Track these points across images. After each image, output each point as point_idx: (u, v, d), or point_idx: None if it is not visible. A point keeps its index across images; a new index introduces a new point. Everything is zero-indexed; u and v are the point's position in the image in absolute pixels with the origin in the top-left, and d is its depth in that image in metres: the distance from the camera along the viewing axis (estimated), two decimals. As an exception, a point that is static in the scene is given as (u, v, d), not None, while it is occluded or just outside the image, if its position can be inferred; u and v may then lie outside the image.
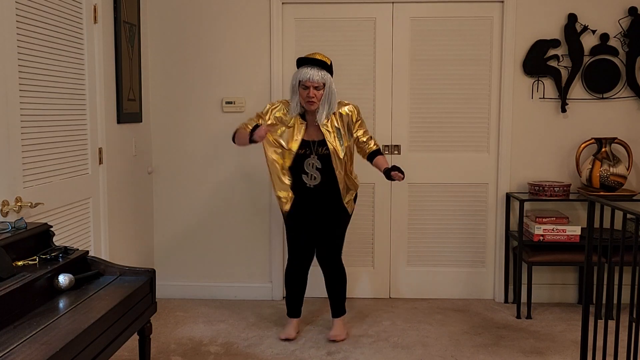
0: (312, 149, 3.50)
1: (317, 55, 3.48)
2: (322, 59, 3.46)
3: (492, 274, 4.45)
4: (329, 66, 3.46)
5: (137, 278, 2.54)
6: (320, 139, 3.48)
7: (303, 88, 3.40)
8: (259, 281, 4.45)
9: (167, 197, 4.44)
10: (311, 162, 3.50)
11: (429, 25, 4.28)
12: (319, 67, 3.41)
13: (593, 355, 2.92)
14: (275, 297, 4.44)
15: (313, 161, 3.50)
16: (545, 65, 4.24)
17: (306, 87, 3.39)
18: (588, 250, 2.95)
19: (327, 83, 3.42)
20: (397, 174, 3.35)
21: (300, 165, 3.52)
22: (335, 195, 3.56)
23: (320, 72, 3.39)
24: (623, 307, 3.00)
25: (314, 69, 3.39)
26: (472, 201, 4.41)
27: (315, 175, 3.52)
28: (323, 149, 3.49)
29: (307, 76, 3.37)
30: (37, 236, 2.45)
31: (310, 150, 3.50)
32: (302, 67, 3.42)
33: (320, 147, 3.49)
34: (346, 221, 3.69)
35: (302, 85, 3.40)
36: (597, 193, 4.05)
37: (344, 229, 3.70)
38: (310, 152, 3.50)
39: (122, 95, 3.73)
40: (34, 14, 2.75)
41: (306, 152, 3.50)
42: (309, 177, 3.52)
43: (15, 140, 2.60)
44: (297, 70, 3.45)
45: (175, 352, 3.49)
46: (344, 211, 3.62)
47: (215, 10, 4.29)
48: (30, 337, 1.87)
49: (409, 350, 3.54)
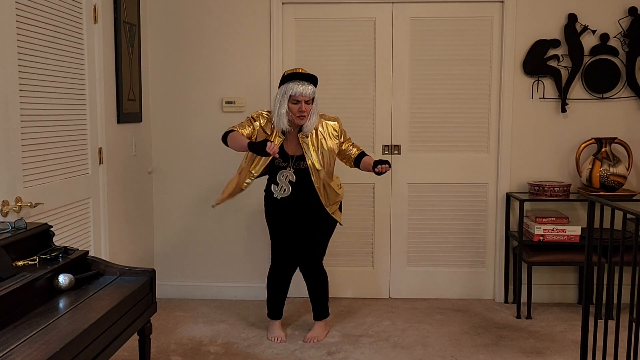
0: (290, 162, 3.51)
1: (301, 70, 3.51)
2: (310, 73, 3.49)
3: (492, 274, 4.45)
4: (316, 80, 3.49)
5: (137, 278, 2.54)
6: (299, 154, 3.50)
7: (294, 103, 3.39)
8: (259, 281, 4.44)
9: (167, 197, 4.44)
10: (286, 174, 3.51)
11: (429, 25, 4.28)
12: (308, 81, 3.43)
13: (593, 355, 2.91)
14: (275, 297, 4.44)
15: (288, 174, 3.51)
16: (545, 65, 4.24)
17: (297, 101, 3.39)
18: (588, 250, 2.95)
19: (315, 97, 3.46)
20: (383, 166, 3.35)
21: (273, 176, 3.54)
22: (317, 207, 3.54)
23: (310, 86, 3.42)
24: (623, 307, 3.00)
25: (304, 83, 3.40)
26: (472, 201, 4.41)
27: (285, 188, 3.52)
28: (302, 163, 3.50)
29: (300, 90, 3.37)
30: (37, 236, 2.45)
31: (287, 164, 3.51)
32: (291, 82, 3.41)
33: (298, 161, 3.51)
34: (331, 230, 3.70)
35: (293, 99, 3.39)
36: (597, 193, 4.05)
37: (328, 237, 3.71)
38: (287, 166, 3.51)
39: (122, 95, 3.73)
40: (34, 14, 2.75)
41: (282, 164, 3.52)
42: (279, 189, 3.53)
43: (15, 140, 2.60)
44: (285, 84, 3.42)
45: (175, 352, 3.49)
46: (330, 221, 3.63)
47: (215, 10, 4.29)
48: (30, 337, 1.87)
49: (409, 350, 3.54)
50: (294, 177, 3.50)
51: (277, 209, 3.61)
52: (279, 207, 3.60)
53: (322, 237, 3.67)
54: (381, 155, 4.35)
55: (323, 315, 3.77)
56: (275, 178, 3.54)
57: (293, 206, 3.58)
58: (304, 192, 3.52)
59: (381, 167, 3.35)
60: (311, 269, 3.67)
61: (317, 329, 3.74)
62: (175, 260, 4.48)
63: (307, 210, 3.58)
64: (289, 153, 3.51)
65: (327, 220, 3.62)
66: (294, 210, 3.59)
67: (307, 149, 3.47)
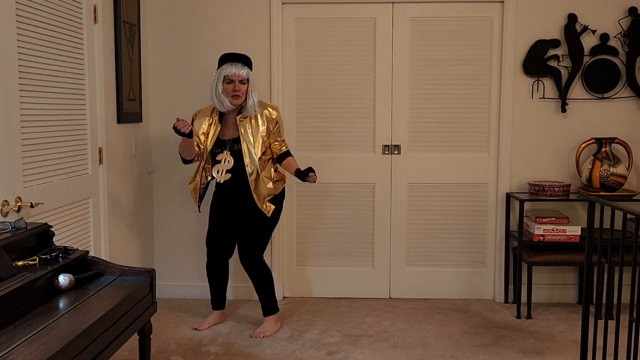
0: (226, 145, 3.61)
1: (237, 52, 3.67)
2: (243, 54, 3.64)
3: (492, 274, 4.45)
4: (250, 62, 3.62)
5: (137, 278, 2.54)
6: (236, 137, 3.60)
7: (227, 83, 3.53)
8: (259, 281, 4.45)
9: (167, 197, 4.44)
10: (224, 157, 3.61)
11: (429, 25, 4.28)
12: (242, 63, 3.56)
13: (593, 355, 2.91)
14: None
15: (226, 156, 3.60)
16: (545, 65, 4.24)
17: (231, 81, 3.52)
18: (588, 250, 2.95)
19: (250, 78, 3.56)
20: (313, 175, 3.51)
21: (214, 161, 3.65)
22: (251, 197, 3.60)
23: (244, 67, 3.56)
24: (623, 307, 3.01)
25: (237, 64, 3.54)
26: (472, 201, 4.41)
27: (224, 170, 3.61)
28: (237, 145, 3.59)
29: (233, 71, 3.52)
30: (37, 236, 2.45)
31: (224, 147, 3.61)
32: (225, 64, 3.56)
33: (235, 143, 3.60)
34: (266, 225, 3.71)
35: (227, 79, 3.53)
36: (597, 193, 4.05)
37: (265, 232, 3.74)
38: (225, 148, 3.61)
39: (122, 95, 3.74)
40: (34, 14, 2.75)
41: (221, 149, 3.62)
42: (220, 173, 3.61)
43: (15, 140, 2.60)
44: (220, 67, 3.58)
45: (175, 352, 3.49)
46: (262, 215, 3.65)
47: (215, 10, 4.29)
48: (30, 337, 1.87)
49: (409, 350, 3.54)
50: (232, 160, 3.59)
51: (219, 199, 3.74)
52: (221, 197, 3.72)
53: (257, 232, 3.70)
54: (381, 155, 4.36)
55: (271, 311, 3.81)
56: (215, 163, 3.64)
57: (231, 197, 3.67)
58: (241, 178, 3.59)
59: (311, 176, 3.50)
60: (250, 264, 3.74)
61: (265, 325, 3.79)
62: (175, 260, 4.48)
63: (241, 201, 3.65)
64: (225, 139, 3.62)
65: (261, 216, 3.65)
66: (231, 201, 3.69)
67: (243, 132, 3.57)
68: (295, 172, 3.60)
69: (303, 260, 4.49)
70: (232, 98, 3.54)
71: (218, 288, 3.89)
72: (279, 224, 4.39)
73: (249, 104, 3.57)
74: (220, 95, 3.55)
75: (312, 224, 4.46)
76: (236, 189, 3.62)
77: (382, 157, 4.38)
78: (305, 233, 4.46)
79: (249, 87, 3.56)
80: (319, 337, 3.73)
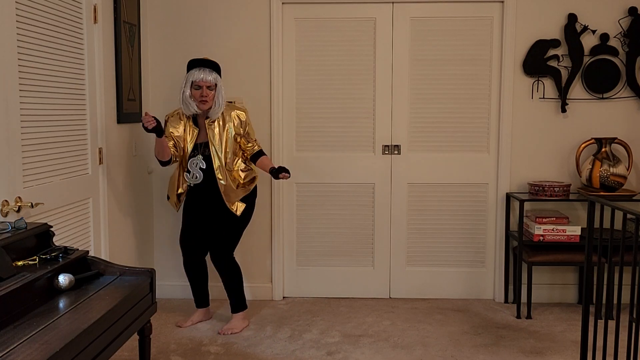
0: (199, 150, 3.66)
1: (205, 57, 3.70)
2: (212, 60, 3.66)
3: (492, 274, 4.45)
4: (219, 68, 3.65)
5: (137, 278, 2.54)
6: (206, 140, 3.64)
7: (196, 88, 3.57)
8: (259, 281, 4.45)
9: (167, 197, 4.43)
10: (196, 161, 3.66)
11: (429, 25, 4.28)
12: (210, 68, 3.59)
13: (593, 355, 2.91)
14: (275, 297, 4.44)
15: (197, 161, 3.65)
16: (545, 65, 4.24)
17: (199, 87, 3.55)
18: (588, 250, 2.95)
19: (218, 83, 3.60)
20: (285, 174, 3.56)
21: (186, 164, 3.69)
22: (221, 199, 3.66)
23: (212, 73, 3.58)
24: (623, 307, 3.01)
25: (205, 70, 3.57)
26: (472, 201, 4.41)
27: (197, 175, 3.66)
28: (207, 150, 3.64)
29: (201, 76, 3.55)
30: (37, 236, 2.45)
31: (197, 151, 3.66)
32: (193, 69, 3.59)
33: (206, 148, 3.65)
34: (237, 224, 3.76)
35: (195, 85, 3.56)
36: (597, 193, 4.05)
37: (235, 232, 3.78)
38: (197, 153, 3.65)
39: (122, 95, 3.74)
40: (34, 14, 2.75)
41: (194, 153, 3.66)
42: (191, 176, 3.67)
43: (15, 140, 2.60)
44: (188, 72, 3.60)
45: (175, 352, 3.49)
46: (231, 214, 3.70)
47: (215, 10, 4.29)
48: (30, 337, 1.87)
49: (409, 350, 3.54)
50: (204, 164, 3.64)
51: (191, 199, 3.77)
52: (193, 197, 3.76)
53: (226, 230, 3.75)
54: (381, 155, 4.36)
55: (239, 307, 3.86)
56: (187, 167, 3.69)
57: (203, 197, 3.72)
58: (212, 180, 3.64)
59: (283, 175, 3.56)
60: (219, 261, 3.79)
61: (233, 321, 3.84)
62: (175, 260, 4.47)
63: (212, 202, 3.70)
64: (199, 142, 3.66)
65: (231, 216, 3.71)
66: (203, 201, 3.73)
67: (211, 136, 3.61)
68: (269, 171, 3.65)
69: (303, 260, 4.49)
70: (200, 103, 3.58)
71: (198, 286, 3.94)
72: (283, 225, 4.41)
73: (211, 111, 3.62)
74: (187, 99, 3.59)
75: (312, 224, 4.46)
76: (207, 190, 3.68)
77: (382, 157, 4.38)
78: (305, 233, 4.46)
79: (217, 93, 3.60)
80: (319, 337, 3.73)
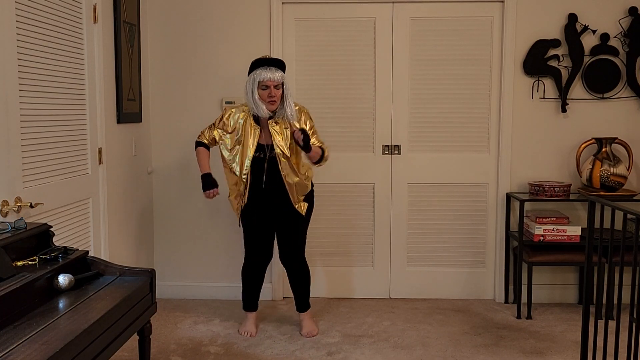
0: (265, 151, 3.55)
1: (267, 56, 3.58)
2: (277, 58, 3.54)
3: (492, 274, 4.45)
4: (284, 65, 3.53)
5: (137, 278, 2.54)
6: (270, 143, 3.54)
7: (263, 89, 3.44)
8: (259, 281, 4.45)
9: (167, 197, 4.43)
10: (264, 164, 3.55)
11: (429, 25, 4.28)
12: (275, 67, 3.47)
13: (593, 355, 2.91)
14: (275, 297, 4.44)
15: (262, 163, 3.55)
16: (545, 65, 4.23)
17: (266, 86, 3.43)
18: (588, 251, 2.95)
19: (285, 82, 3.48)
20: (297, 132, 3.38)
21: (255, 168, 3.56)
22: (287, 198, 3.59)
23: (278, 71, 3.46)
24: (623, 307, 3.00)
25: (271, 69, 3.44)
26: (472, 201, 4.41)
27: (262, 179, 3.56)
28: (272, 151, 3.54)
29: (268, 76, 3.41)
30: (37, 236, 2.45)
31: (264, 154, 3.55)
32: (258, 69, 3.45)
33: (272, 150, 3.54)
34: (302, 223, 3.72)
35: (262, 85, 3.43)
36: (598, 193, 4.05)
37: (303, 231, 3.74)
38: (265, 155, 3.55)
39: (122, 95, 3.73)
40: (34, 14, 2.75)
41: (260, 155, 3.55)
42: (263, 179, 3.57)
43: (15, 140, 2.60)
44: (253, 72, 3.47)
45: (175, 352, 3.49)
46: (297, 214, 3.65)
47: (215, 10, 4.29)
48: (30, 337, 1.87)
49: (409, 350, 3.54)
50: (271, 166, 3.54)
51: (255, 203, 3.65)
52: (257, 201, 3.64)
53: (295, 231, 3.70)
54: (381, 155, 4.36)
55: (306, 306, 3.83)
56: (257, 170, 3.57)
57: (268, 198, 3.62)
58: (278, 182, 3.56)
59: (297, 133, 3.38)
60: (293, 262, 3.74)
61: (308, 324, 3.80)
62: (175, 260, 4.48)
63: (279, 202, 3.62)
64: (263, 144, 3.55)
65: (297, 215, 3.66)
66: (268, 202, 3.63)
67: (275, 136, 3.50)
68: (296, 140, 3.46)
69: (303, 260, 4.48)
70: (269, 104, 3.45)
71: (255, 289, 3.83)
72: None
73: (287, 112, 3.48)
74: (257, 102, 3.44)
75: (312, 223, 4.42)
76: (273, 192, 3.59)
77: (382, 157, 4.37)
78: (305, 233, 4.46)
79: (285, 91, 3.49)
80: (319, 337, 3.73)
